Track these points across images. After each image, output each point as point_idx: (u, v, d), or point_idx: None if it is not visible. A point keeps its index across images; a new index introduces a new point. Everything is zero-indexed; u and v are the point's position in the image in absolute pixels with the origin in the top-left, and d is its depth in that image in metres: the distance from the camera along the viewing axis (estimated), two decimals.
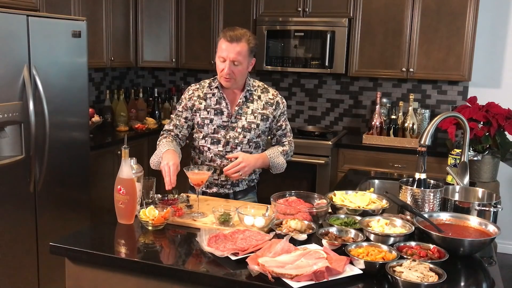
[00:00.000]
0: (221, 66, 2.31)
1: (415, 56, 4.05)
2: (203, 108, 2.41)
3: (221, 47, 2.29)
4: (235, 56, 2.26)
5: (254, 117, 2.40)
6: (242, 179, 2.44)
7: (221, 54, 2.29)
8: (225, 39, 2.28)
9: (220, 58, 2.30)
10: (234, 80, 2.33)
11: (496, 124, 3.59)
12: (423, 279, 1.45)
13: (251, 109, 2.41)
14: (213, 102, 2.41)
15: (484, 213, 2.01)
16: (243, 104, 2.41)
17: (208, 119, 2.40)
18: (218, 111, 2.40)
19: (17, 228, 2.88)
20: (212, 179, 2.43)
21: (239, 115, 2.40)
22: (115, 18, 4.24)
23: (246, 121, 2.39)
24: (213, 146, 2.40)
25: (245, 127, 2.39)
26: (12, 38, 2.75)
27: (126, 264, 1.68)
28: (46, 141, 2.97)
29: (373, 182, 2.81)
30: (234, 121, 2.39)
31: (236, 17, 4.49)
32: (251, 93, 2.43)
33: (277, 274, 1.49)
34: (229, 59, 2.27)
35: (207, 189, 2.46)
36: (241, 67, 2.30)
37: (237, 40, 2.26)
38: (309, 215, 1.94)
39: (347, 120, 4.66)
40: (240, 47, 2.27)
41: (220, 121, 2.39)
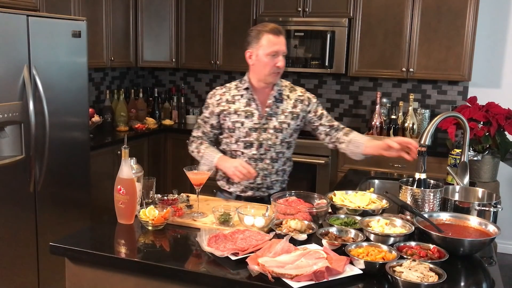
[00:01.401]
0: (273, 61, 2.27)
1: (415, 56, 4.05)
2: (233, 112, 2.37)
3: (270, 42, 2.25)
4: (285, 48, 2.29)
5: (285, 117, 2.37)
6: (276, 181, 2.43)
7: (273, 48, 2.25)
8: (271, 33, 2.26)
9: (272, 53, 2.26)
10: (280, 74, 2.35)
11: (496, 124, 3.59)
12: (423, 279, 1.45)
13: (281, 109, 2.38)
14: (243, 105, 2.37)
15: (484, 213, 2.01)
16: (274, 104, 2.38)
17: (239, 123, 2.36)
18: (248, 114, 2.36)
19: (17, 228, 2.88)
20: (248, 182, 2.39)
21: (270, 116, 2.36)
22: (115, 18, 4.24)
23: (277, 122, 2.36)
24: (247, 150, 2.37)
25: (276, 127, 2.35)
26: (12, 38, 2.75)
27: (126, 264, 1.68)
28: (46, 141, 2.97)
29: (373, 182, 2.81)
30: (265, 122, 2.36)
31: (236, 17, 4.49)
32: (280, 93, 2.40)
33: (277, 274, 1.49)
34: (281, 52, 2.28)
35: (242, 193, 2.42)
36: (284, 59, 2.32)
37: (282, 33, 2.29)
38: (309, 215, 1.94)
39: (347, 120, 4.66)
40: (285, 40, 2.30)
41: (251, 123, 2.35)
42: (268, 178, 2.40)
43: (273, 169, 2.40)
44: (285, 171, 2.49)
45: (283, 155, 2.42)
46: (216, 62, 4.64)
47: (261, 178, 2.39)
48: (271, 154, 2.38)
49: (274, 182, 2.43)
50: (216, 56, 4.64)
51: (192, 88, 5.18)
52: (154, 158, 4.53)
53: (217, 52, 4.63)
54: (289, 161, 2.50)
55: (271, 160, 2.39)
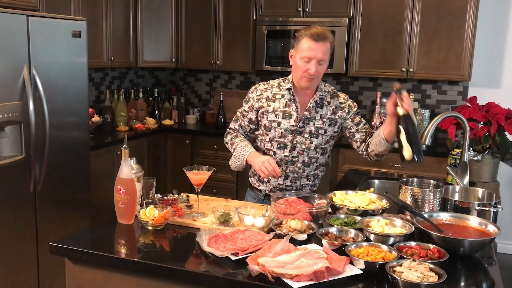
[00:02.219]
0: (305, 66, 2.22)
1: (415, 56, 4.05)
2: (271, 111, 2.35)
3: (307, 47, 2.21)
4: (322, 56, 2.21)
5: (323, 123, 2.34)
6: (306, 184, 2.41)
7: (307, 54, 2.21)
8: (311, 38, 2.20)
9: (305, 59, 2.22)
10: (317, 80, 2.28)
11: (496, 124, 3.59)
12: (423, 279, 1.45)
13: (320, 114, 2.35)
14: (282, 105, 2.35)
15: (484, 213, 2.01)
16: (313, 109, 2.35)
17: (276, 122, 2.35)
18: (286, 115, 2.34)
19: (17, 228, 2.88)
20: (277, 183, 2.40)
21: (308, 120, 2.34)
22: (115, 18, 4.24)
23: (314, 126, 2.33)
24: (279, 151, 2.36)
25: (312, 132, 2.33)
26: (12, 38, 2.75)
27: (126, 264, 1.68)
28: (46, 141, 2.97)
29: (373, 182, 2.82)
30: (302, 126, 2.33)
31: (236, 17, 4.49)
32: (322, 98, 2.37)
33: (277, 274, 1.49)
34: (316, 59, 2.21)
35: (270, 193, 2.41)
36: (324, 65, 2.26)
37: (323, 39, 2.20)
38: (309, 215, 1.94)
39: None
40: (326, 46, 2.21)
41: (288, 124, 2.33)
42: (298, 181, 2.40)
43: (303, 173, 2.39)
44: (317, 176, 2.47)
45: (316, 160, 2.40)
46: (216, 62, 4.64)
47: (290, 181, 2.38)
48: (304, 158, 2.37)
49: (304, 186, 2.42)
50: (216, 56, 4.64)
51: (192, 88, 5.18)
52: (154, 158, 4.53)
53: (217, 52, 4.63)
54: (322, 166, 2.48)
55: (303, 164, 2.37)
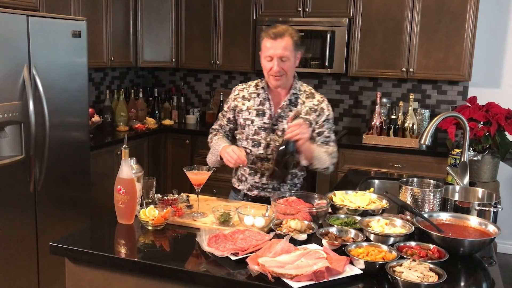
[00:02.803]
0: (269, 65, 2.27)
1: (415, 56, 4.05)
2: (245, 109, 2.40)
3: (266, 46, 2.27)
4: (282, 52, 2.24)
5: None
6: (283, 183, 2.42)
7: (267, 53, 2.26)
8: (269, 37, 2.26)
9: (267, 58, 2.27)
10: (285, 77, 2.30)
11: (496, 124, 3.59)
12: (423, 279, 1.45)
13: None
14: (257, 103, 2.39)
15: (484, 213, 2.01)
16: (286, 107, 2.37)
17: (250, 120, 2.38)
18: (260, 112, 2.37)
19: (17, 228, 2.88)
20: (253, 181, 2.41)
21: (281, 118, 2.36)
22: (115, 18, 4.24)
23: (286, 125, 2.33)
24: (254, 149, 2.38)
25: (285, 130, 2.33)
26: (12, 38, 2.75)
27: (126, 264, 1.68)
28: (46, 141, 2.97)
29: (373, 182, 2.81)
30: (275, 123, 2.36)
31: (236, 17, 4.49)
32: (297, 97, 2.39)
33: (277, 274, 1.49)
34: (276, 56, 2.24)
35: (248, 191, 2.44)
36: (289, 62, 2.28)
37: (281, 36, 2.24)
38: (309, 215, 1.94)
39: (347, 120, 4.66)
40: (285, 42, 2.24)
41: (261, 122, 2.36)
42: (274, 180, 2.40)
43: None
44: (296, 175, 2.47)
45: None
46: (216, 62, 4.64)
47: (266, 179, 2.38)
48: None
49: (282, 184, 2.42)
50: (216, 56, 4.64)
51: (192, 88, 5.18)
52: (154, 158, 4.53)
53: (217, 52, 4.63)
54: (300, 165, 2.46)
55: None
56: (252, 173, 2.41)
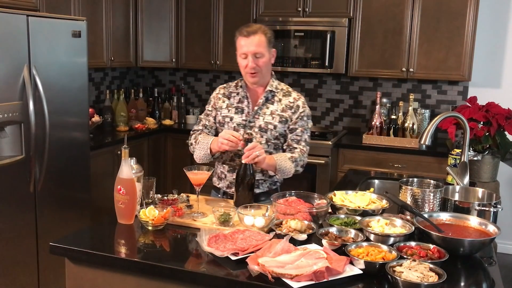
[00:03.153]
0: (244, 62, 2.33)
1: (415, 56, 4.05)
2: (225, 107, 2.45)
3: (240, 44, 2.33)
4: (256, 48, 2.29)
5: (272, 118, 2.38)
6: (263, 181, 2.42)
7: (242, 50, 2.32)
8: (242, 35, 2.32)
9: (242, 55, 2.33)
10: (260, 74, 2.34)
11: (496, 124, 3.59)
12: (423, 279, 1.45)
13: (270, 110, 2.39)
14: (236, 101, 2.44)
15: (484, 213, 2.01)
16: (263, 105, 2.40)
17: (229, 117, 2.42)
18: (239, 110, 2.42)
19: (17, 228, 2.88)
20: (232, 178, 2.42)
21: (258, 114, 2.39)
22: (115, 18, 4.24)
23: (263, 121, 2.37)
24: None
25: (261, 127, 2.37)
26: (12, 38, 2.75)
27: (126, 264, 1.68)
28: (46, 141, 2.97)
29: (373, 182, 2.81)
30: (252, 120, 2.39)
31: (236, 17, 4.49)
32: (273, 95, 2.42)
33: (277, 274, 1.49)
34: (250, 53, 2.29)
35: (227, 189, 2.45)
36: (264, 58, 2.32)
37: (254, 33, 2.30)
38: (309, 215, 1.94)
39: (347, 120, 4.66)
40: (258, 39, 2.29)
41: (240, 119, 2.40)
42: None
43: (258, 168, 2.37)
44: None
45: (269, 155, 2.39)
46: (216, 62, 4.64)
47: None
48: None
49: (260, 182, 2.42)
50: (216, 56, 4.64)
51: (192, 88, 5.18)
52: (154, 158, 4.53)
53: (217, 52, 4.63)
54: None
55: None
56: (231, 170, 2.42)
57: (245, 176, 2.17)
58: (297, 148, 2.40)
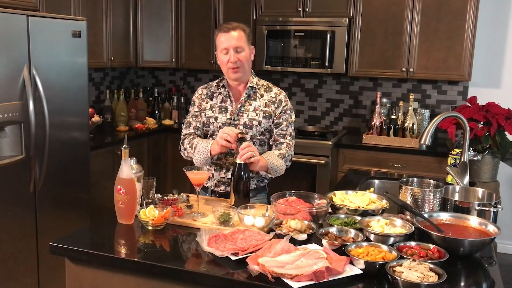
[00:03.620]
0: (226, 58, 2.34)
1: (415, 56, 4.05)
2: (208, 108, 2.45)
3: (220, 40, 2.35)
4: (236, 43, 2.31)
5: (256, 114, 2.39)
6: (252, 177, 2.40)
7: (222, 46, 2.34)
8: (222, 31, 2.34)
9: (223, 51, 2.34)
10: (243, 69, 2.35)
11: (496, 124, 3.59)
12: (423, 279, 1.45)
13: (253, 106, 2.41)
14: (219, 101, 2.45)
15: (484, 213, 2.01)
16: (245, 102, 2.42)
17: (213, 118, 2.42)
18: (222, 109, 2.42)
19: (17, 228, 2.88)
20: (219, 177, 2.42)
21: (241, 112, 2.40)
22: (115, 18, 4.24)
23: (247, 118, 2.39)
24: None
25: (246, 124, 2.38)
26: (12, 38, 2.75)
27: (126, 264, 1.68)
28: (46, 141, 2.98)
29: (373, 182, 2.81)
30: (236, 118, 2.40)
31: (236, 17, 4.48)
32: (255, 91, 2.44)
33: (277, 274, 1.49)
34: (231, 47, 2.31)
35: (216, 188, 2.45)
36: (244, 53, 2.34)
37: (233, 29, 2.33)
38: (309, 215, 1.94)
39: (347, 120, 4.66)
40: (237, 34, 2.32)
41: (224, 118, 2.40)
42: None
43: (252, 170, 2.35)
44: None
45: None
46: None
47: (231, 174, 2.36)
48: None
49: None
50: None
51: (192, 88, 5.17)
52: (154, 158, 4.53)
53: None
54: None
55: None
56: (218, 169, 2.42)
57: (240, 180, 2.16)
58: (283, 143, 2.42)
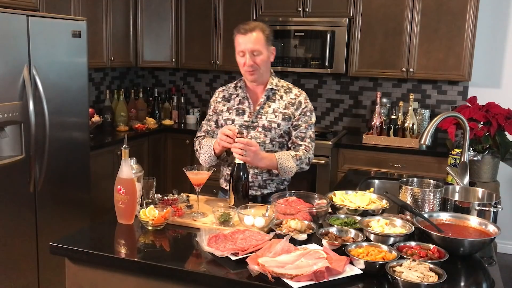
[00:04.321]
0: (242, 60, 2.30)
1: (415, 56, 4.05)
2: (225, 110, 2.42)
3: (238, 42, 2.30)
4: (253, 46, 2.26)
5: (275, 116, 2.36)
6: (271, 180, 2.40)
7: (239, 48, 2.29)
8: (239, 33, 2.29)
9: (240, 53, 2.30)
10: (259, 72, 2.31)
11: (496, 124, 3.59)
12: (423, 279, 1.45)
13: (272, 108, 2.37)
14: (236, 103, 2.41)
15: (484, 213, 2.01)
16: (265, 103, 2.38)
17: (230, 120, 2.39)
18: (240, 111, 2.39)
19: (17, 228, 2.88)
20: None
21: (260, 114, 2.37)
22: (115, 18, 4.24)
23: (266, 120, 2.35)
24: None
25: (265, 126, 2.35)
26: (12, 38, 2.75)
27: (126, 264, 1.68)
28: (46, 141, 2.97)
29: (373, 182, 2.81)
30: (255, 121, 2.37)
31: (236, 17, 4.49)
32: (274, 92, 2.40)
33: (277, 274, 1.49)
34: (247, 51, 2.27)
35: None
36: (262, 56, 2.29)
37: (251, 31, 2.27)
38: (309, 215, 1.94)
39: (347, 120, 4.66)
40: (255, 37, 2.26)
41: (242, 120, 2.38)
42: (259, 177, 2.38)
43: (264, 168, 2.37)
44: None
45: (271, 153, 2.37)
46: (216, 62, 4.64)
47: (251, 176, 2.37)
48: None
49: (267, 182, 2.41)
50: (216, 56, 4.64)
51: (192, 88, 5.18)
52: (154, 158, 4.53)
53: (217, 52, 4.63)
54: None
55: None
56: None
57: (239, 180, 2.15)
58: (301, 146, 2.37)
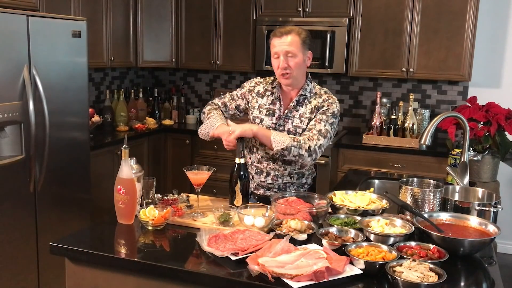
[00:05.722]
0: (277, 63, 2.28)
1: (415, 56, 4.05)
2: (257, 107, 2.41)
3: (273, 44, 2.29)
4: (287, 48, 2.24)
5: (301, 121, 2.34)
6: (291, 184, 2.40)
7: (274, 50, 2.28)
8: (275, 36, 2.29)
9: (275, 55, 2.29)
10: (292, 75, 2.28)
11: (496, 124, 3.59)
12: (423, 279, 1.45)
13: (299, 113, 2.35)
14: (268, 102, 2.40)
15: (484, 213, 2.01)
16: (294, 108, 2.36)
17: (259, 119, 2.39)
18: (270, 112, 2.38)
19: (17, 228, 2.88)
20: (259, 180, 2.41)
21: (287, 118, 2.36)
22: (115, 18, 4.24)
23: (292, 125, 2.34)
24: (261, 147, 2.38)
25: (290, 130, 2.33)
26: (12, 38, 2.75)
27: (126, 264, 1.68)
28: (46, 141, 2.97)
29: (373, 182, 2.82)
30: (281, 124, 2.36)
31: (236, 17, 4.49)
32: (305, 98, 2.37)
33: (277, 274, 1.49)
34: (282, 53, 2.25)
35: (255, 190, 2.44)
36: (296, 59, 2.26)
37: (287, 33, 2.26)
38: (309, 215, 1.94)
39: (347, 120, 4.66)
40: (291, 39, 2.25)
41: (270, 122, 2.37)
42: (279, 179, 2.39)
43: (285, 171, 2.38)
44: (303, 174, 2.44)
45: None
46: (216, 62, 4.64)
47: (271, 178, 2.38)
48: None
49: (288, 185, 2.41)
50: (216, 56, 4.64)
51: (192, 88, 5.18)
52: (154, 158, 4.53)
53: (217, 52, 4.63)
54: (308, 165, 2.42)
55: (283, 161, 2.36)
56: (258, 172, 2.41)
57: (238, 179, 2.16)
58: (306, 135, 2.28)
